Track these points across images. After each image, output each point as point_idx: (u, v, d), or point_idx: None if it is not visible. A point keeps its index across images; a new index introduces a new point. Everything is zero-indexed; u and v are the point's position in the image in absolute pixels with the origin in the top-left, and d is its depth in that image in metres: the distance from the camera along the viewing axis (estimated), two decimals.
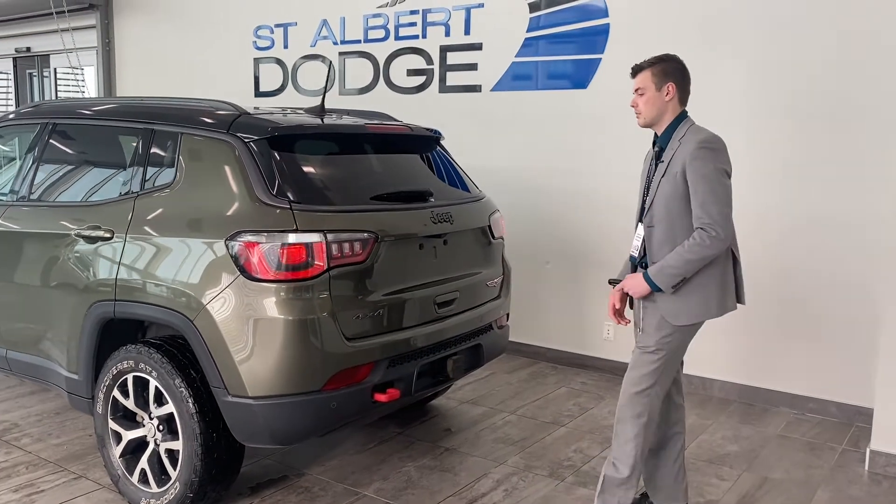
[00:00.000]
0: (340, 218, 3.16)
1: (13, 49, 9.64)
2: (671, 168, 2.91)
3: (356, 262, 3.14)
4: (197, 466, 3.16)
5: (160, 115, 3.56)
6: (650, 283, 2.92)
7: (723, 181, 2.85)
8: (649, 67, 2.98)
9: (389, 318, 3.31)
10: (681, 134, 2.95)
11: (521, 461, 3.99)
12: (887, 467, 3.89)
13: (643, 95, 3.00)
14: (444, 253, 3.64)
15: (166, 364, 3.18)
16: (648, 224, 2.99)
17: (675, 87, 2.97)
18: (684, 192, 2.87)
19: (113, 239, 3.40)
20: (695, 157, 2.83)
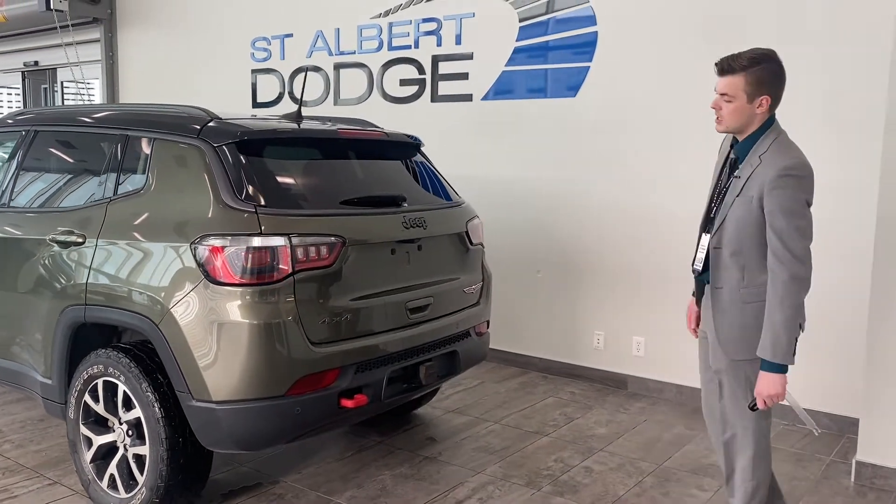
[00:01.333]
0: (307, 222, 3.15)
1: (22, 63, 9.79)
2: (747, 190, 2.60)
3: (322, 266, 3.13)
4: (163, 471, 3.15)
5: (135, 121, 3.59)
6: (776, 368, 2.56)
7: (805, 213, 2.57)
8: (743, 72, 2.56)
9: (358, 324, 3.29)
10: (762, 149, 2.61)
11: (500, 470, 3.95)
12: (874, 479, 3.80)
13: (731, 103, 2.61)
14: (417, 258, 3.62)
15: (134, 368, 3.18)
16: (716, 245, 2.70)
17: (769, 100, 2.60)
18: (759, 220, 2.57)
19: (85, 244, 3.43)
20: (775, 185, 2.52)
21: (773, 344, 2.55)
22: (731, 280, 2.69)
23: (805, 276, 2.58)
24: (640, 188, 5.11)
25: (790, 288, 2.54)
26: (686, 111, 4.90)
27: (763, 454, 2.84)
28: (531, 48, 5.55)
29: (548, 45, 5.48)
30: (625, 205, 5.21)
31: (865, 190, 4.24)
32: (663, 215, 5.03)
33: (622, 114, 5.18)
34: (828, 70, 4.41)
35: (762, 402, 2.62)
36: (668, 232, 5.02)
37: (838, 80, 4.40)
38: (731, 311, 2.71)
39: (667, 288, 5.06)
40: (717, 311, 2.75)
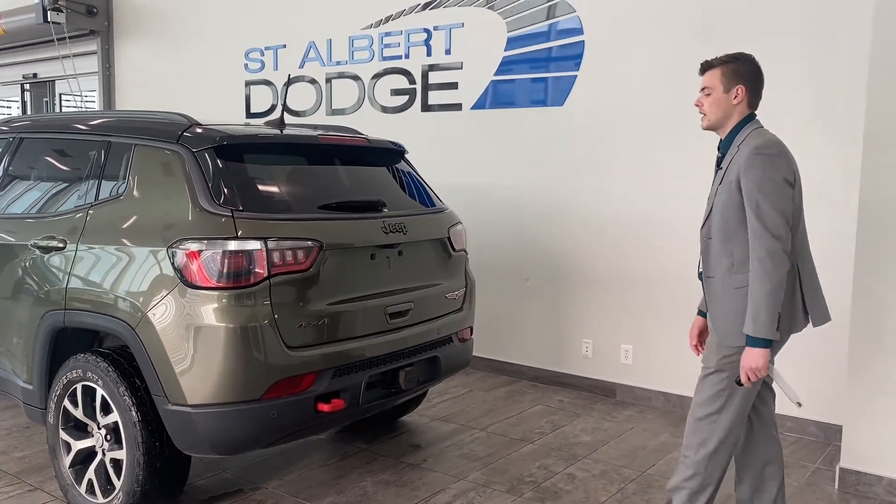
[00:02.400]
0: (284, 226, 3.17)
1: (21, 75, 9.87)
2: (728, 176, 2.71)
3: (299, 270, 3.13)
4: (139, 476, 3.15)
5: (116, 128, 3.62)
6: (758, 343, 2.62)
7: (779, 190, 2.63)
8: (720, 66, 2.77)
9: (336, 328, 3.29)
10: (741, 139, 2.74)
11: (482, 476, 3.93)
12: (857, 486, 3.78)
13: (709, 96, 2.79)
14: (398, 264, 3.63)
15: (112, 373, 3.19)
16: (707, 236, 2.80)
17: (745, 91, 2.76)
18: (740, 202, 2.66)
19: (65, 249, 3.44)
20: (749, 164, 2.63)
21: (753, 319, 2.61)
22: (721, 267, 2.76)
23: (781, 251, 2.61)
24: (628, 196, 5.12)
25: (767, 264, 2.59)
26: (673, 119, 4.91)
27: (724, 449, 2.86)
28: (520, 58, 5.58)
29: (536, 54, 5.51)
30: (613, 213, 5.22)
31: (847, 198, 4.24)
32: (651, 223, 5.04)
33: (610, 122, 5.19)
34: (816, 72, 4.43)
35: (745, 376, 2.67)
36: (657, 240, 5.02)
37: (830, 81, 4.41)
38: (724, 298, 2.77)
39: (655, 296, 5.06)
40: (712, 300, 2.82)
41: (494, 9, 5.65)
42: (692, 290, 4.93)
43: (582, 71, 5.29)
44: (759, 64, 2.83)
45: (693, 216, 4.81)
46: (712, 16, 4.74)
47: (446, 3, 5.90)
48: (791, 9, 4.47)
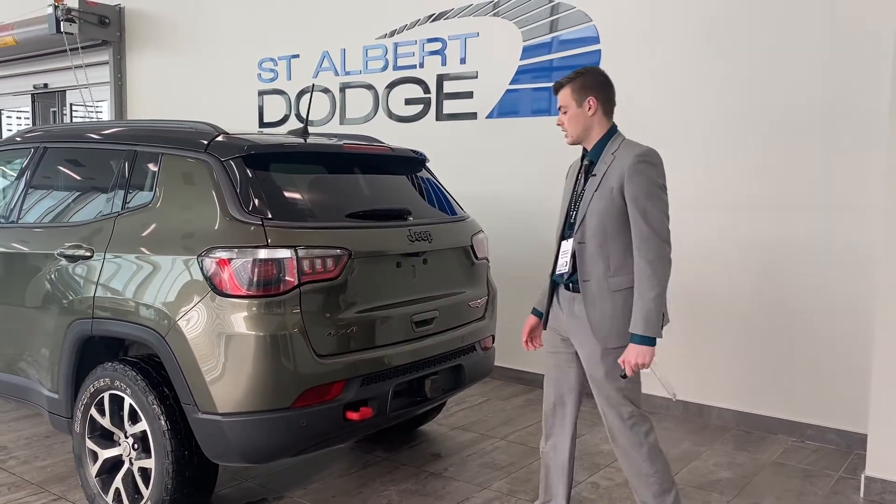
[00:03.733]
0: (312, 234, 3.18)
1: (32, 86, 9.91)
2: (606, 183, 2.81)
3: (328, 278, 3.14)
4: (168, 485, 3.14)
5: (143, 137, 3.63)
6: (647, 341, 2.75)
7: (664, 196, 2.79)
8: (568, 84, 2.89)
9: (363, 336, 3.29)
10: (613, 148, 2.86)
11: (506, 486, 3.92)
12: (883, 494, 3.77)
13: (566, 113, 2.91)
14: (423, 272, 3.64)
15: (140, 381, 3.19)
16: (579, 241, 2.88)
17: (596, 101, 2.87)
18: (621, 208, 2.78)
19: (93, 258, 3.45)
20: (634, 172, 2.75)
21: (644, 319, 2.73)
22: (597, 271, 2.85)
23: (669, 254, 2.78)
24: None
25: (657, 266, 2.74)
26: (689, 128, 4.93)
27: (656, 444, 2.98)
28: (535, 67, 5.60)
29: (552, 63, 5.54)
30: None
31: (870, 203, 4.25)
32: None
33: (625, 131, 5.17)
34: (827, 79, 4.44)
35: (630, 369, 2.79)
36: (675, 249, 5.00)
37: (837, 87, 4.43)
38: (600, 302, 2.86)
39: (674, 304, 5.02)
40: (588, 304, 2.89)
41: (510, 18, 5.68)
42: (709, 300, 4.96)
43: None
44: (606, 74, 2.95)
45: (713, 224, 4.86)
46: (730, 26, 4.76)
47: (461, 13, 5.93)
48: (809, 17, 4.48)
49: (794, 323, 4.63)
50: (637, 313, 2.76)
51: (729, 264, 4.85)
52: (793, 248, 4.61)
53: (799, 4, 4.50)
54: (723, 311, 4.90)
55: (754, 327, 4.80)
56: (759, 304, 4.76)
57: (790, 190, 4.61)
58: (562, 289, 3.00)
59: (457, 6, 5.93)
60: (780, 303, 4.68)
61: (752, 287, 4.78)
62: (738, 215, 4.80)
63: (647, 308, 2.73)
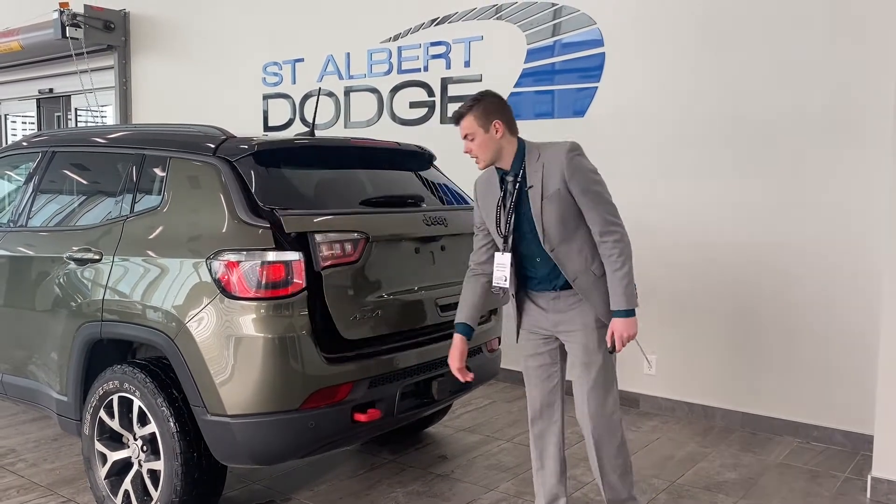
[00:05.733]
0: (329, 220, 3.20)
1: (37, 90, 9.95)
2: (548, 188, 2.89)
3: (349, 262, 3.16)
4: (177, 487, 3.16)
5: (151, 141, 3.65)
6: (629, 314, 2.91)
7: (601, 180, 2.94)
8: (469, 112, 2.94)
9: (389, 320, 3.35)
10: (535, 157, 2.94)
11: (513, 487, 3.93)
12: (889, 495, 3.77)
13: (474, 140, 2.96)
14: (442, 258, 3.67)
15: (149, 383, 3.21)
16: (550, 248, 2.95)
17: (502, 124, 2.94)
18: (573, 204, 2.89)
19: (101, 261, 3.47)
20: (574, 167, 2.87)
21: (623, 294, 2.88)
22: (580, 267, 2.96)
23: (625, 232, 2.93)
24: (648, 207, 5.13)
25: (621, 246, 2.89)
26: (693, 130, 4.94)
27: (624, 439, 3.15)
28: (540, 70, 5.62)
29: (555, 67, 5.56)
30: (634, 222, 5.18)
31: (877, 207, 4.26)
32: (673, 234, 5.05)
33: (631, 133, 5.22)
34: (829, 79, 4.46)
35: (620, 342, 2.93)
36: (679, 250, 5.04)
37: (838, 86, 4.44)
38: (594, 288, 2.97)
39: (678, 306, 5.07)
40: (587, 296, 2.98)
41: (513, 21, 5.70)
42: (715, 300, 4.97)
43: (603, 82, 5.32)
44: (500, 96, 3.04)
45: (717, 226, 4.87)
46: (733, 28, 4.77)
47: (465, 17, 5.95)
48: (810, 13, 4.50)
49: (799, 324, 4.64)
50: (616, 291, 2.89)
51: (733, 266, 4.86)
52: (798, 249, 4.62)
53: (801, 6, 4.52)
54: (727, 313, 4.91)
55: (759, 329, 4.80)
56: (763, 306, 4.77)
57: (795, 190, 4.62)
58: (537, 293, 3.07)
59: (460, 10, 5.96)
60: (786, 304, 4.69)
61: (757, 288, 4.79)
62: (741, 216, 4.81)
63: (623, 283, 2.87)
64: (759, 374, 4.83)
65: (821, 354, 4.59)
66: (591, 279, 2.96)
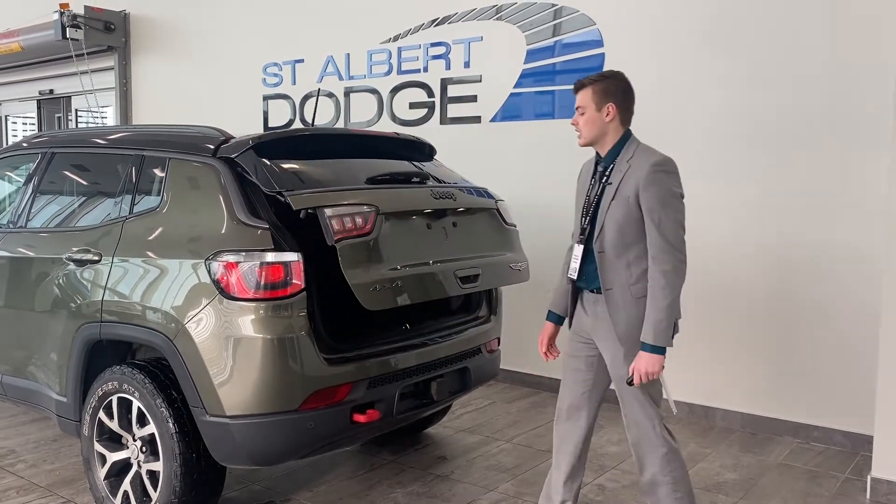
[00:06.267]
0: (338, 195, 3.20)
1: (37, 91, 9.96)
2: (622, 191, 2.79)
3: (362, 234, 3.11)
4: (176, 487, 3.16)
5: (150, 142, 3.65)
6: (657, 350, 2.73)
7: (679, 205, 2.76)
8: (590, 85, 2.85)
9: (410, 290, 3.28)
10: (628, 155, 2.83)
11: (512, 488, 3.93)
12: (889, 495, 3.77)
13: (583, 115, 2.88)
14: (455, 235, 3.63)
15: (148, 384, 3.21)
16: (599, 249, 2.86)
17: (615, 108, 2.84)
18: (638, 217, 2.76)
19: (101, 262, 3.47)
20: (650, 181, 2.73)
21: (654, 328, 2.73)
22: (619, 280, 2.84)
23: (683, 264, 2.75)
24: None
25: (671, 276, 2.72)
26: (692, 131, 4.94)
27: (674, 449, 2.94)
28: (539, 70, 5.62)
29: (555, 67, 5.56)
30: None
31: (876, 207, 4.25)
32: None
33: None
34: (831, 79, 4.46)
35: (638, 377, 2.78)
36: None
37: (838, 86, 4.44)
38: (625, 308, 2.84)
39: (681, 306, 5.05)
40: (613, 310, 2.87)
41: (513, 22, 5.70)
42: (713, 303, 4.96)
43: None
44: (628, 81, 2.91)
45: (716, 227, 4.87)
46: (733, 28, 4.77)
47: (464, 17, 5.95)
48: (810, 13, 4.50)
49: (799, 324, 4.64)
50: (648, 322, 2.74)
51: (734, 266, 4.86)
52: (798, 250, 4.62)
53: (801, 5, 4.52)
54: (727, 313, 4.90)
55: (759, 329, 4.80)
56: (764, 306, 4.77)
57: (794, 191, 4.61)
58: (584, 291, 2.99)
59: (460, 10, 5.96)
60: (786, 305, 4.69)
61: (758, 289, 4.79)
62: (742, 217, 4.81)
63: (658, 318, 2.72)
64: (759, 374, 4.82)
65: (820, 355, 4.58)
66: (626, 298, 2.83)
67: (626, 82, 2.90)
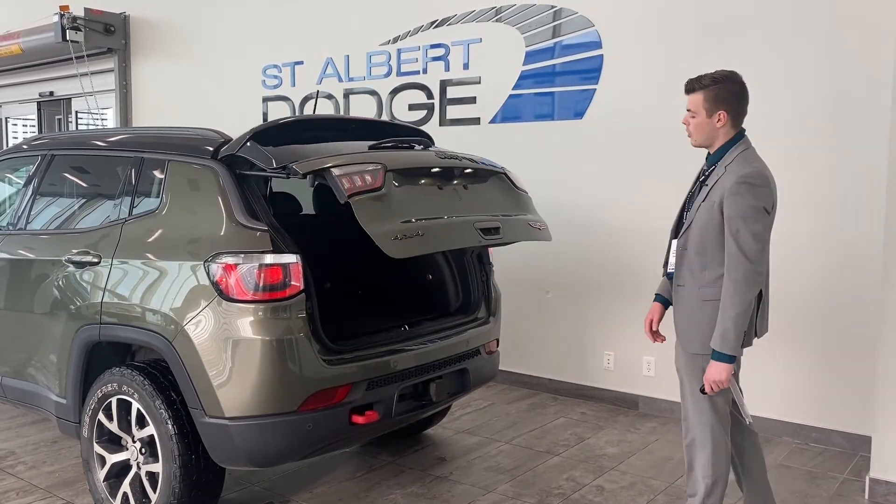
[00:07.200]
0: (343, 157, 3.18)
1: (38, 93, 9.97)
2: (711, 196, 2.82)
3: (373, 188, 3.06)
4: (176, 489, 3.17)
5: (149, 144, 3.66)
6: (724, 358, 2.78)
7: (759, 218, 2.74)
8: (702, 90, 2.86)
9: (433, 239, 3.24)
10: (728, 160, 2.84)
11: (511, 489, 3.94)
12: (888, 496, 3.77)
13: (694, 118, 2.90)
14: (467, 196, 3.58)
15: (148, 386, 3.22)
16: (682, 246, 2.92)
17: (727, 115, 2.85)
18: (720, 224, 2.78)
19: (100, 264, 3.48)
20: (733, 192, 2.74)
21: (722, 336, 2.76)
22: (692, 279, 2.90)
23: (755, 277, 2.76)
24: (648, 208, 5.14)
25: (741, 286, 2.74)
26: None
27: (720, 450, 2.96)
28: (538, 72, 5.63)
29: (554, 68, 5.56)
30: (633, 225, 5.24)
31: (876, 207, 4.25)
32: None
33: (630, 134, 5.23)
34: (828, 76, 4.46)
35: (709, 387, 2.83)
36: None
37: (841, 82, 4.45)
38: (689, 307, 2.92)
39: None
40: (678, 307, 2.98)
41: (512, 24, 5.71)
42: None
43: (601, 84, 5.33)
44: (743, 82, 2.90)
45: None
46: (731, 29, 4.78)
47: (463, 19, 5.96)
48: (809, 16, 4.51)
49: (797, 325, 4.63)
50: (717, 330, 2.78)
51: None
52: (797, 250, 4.61)
53: (799, 5, 4.53)
54: None
55: None
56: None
57: (793, 190, 4.60)
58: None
59: (459, 12, 5.97)
60: (784, 305, 4.66)
61: None
62: None
63: (725, 326, 2.75)
64: (758, 375, 4.80)
65: (819, 355, 4.59)
66: (693, 300, 2.88)
67: (740, 84, 2.89)
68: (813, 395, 4.63)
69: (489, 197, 3.71)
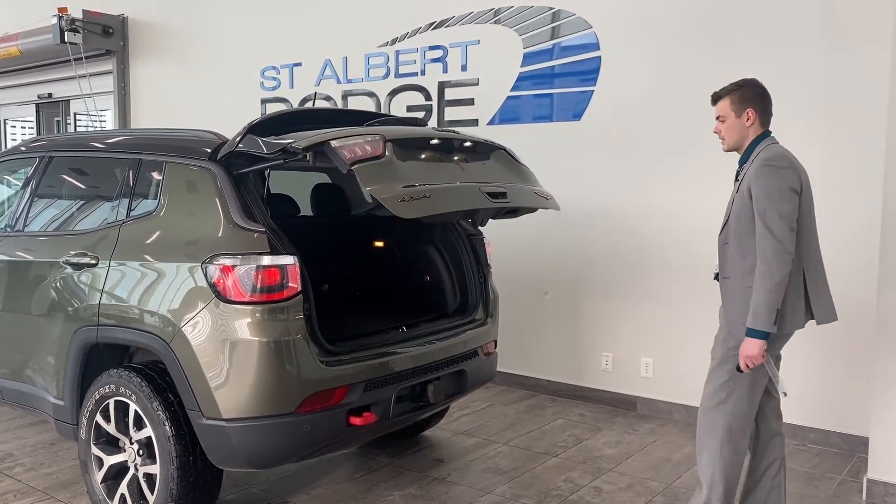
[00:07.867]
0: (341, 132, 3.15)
1: (36, 95, 9.97)
2: (742, 186, 2.99)
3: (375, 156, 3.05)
4: (173, 490, 3.17)
5: (147, 146, 3.66)
6: (756, 334, 2.88)
7: (786, 198, 2.86)
8: (727, 95, 3.06)
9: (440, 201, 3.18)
10: (756, 153, 3.02)
11: (509, 490, 3.94)
12: (885, 497, 3.78)
13: (724, 122, 3.08)
14: (470, 169, 3.54)
15: (145, 388, 3.21)
16: (724, 241, 3.06)
17: (755, 113, 3.03)
18: (751, 210, 2.91)
19: (98, 265, 3.48)
20: (758, 174, 2.90)
21: (754, 313, 2.88)
22: (736, 270, 3.01)
23: (784, 252, 2.85)
24: (645, 210, 5.15)
25: (771, 263, 2.85)
26: (690, 132, 4.95)
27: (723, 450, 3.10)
28: (536, 74, 5.64)
29: (552, 70, 5.57)
30: (631, 227, 5.25)
31: (873, 207, 4.26)
32: (669, 237, 5.07)
33: (627, 136, 5.24)
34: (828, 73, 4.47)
35: (743, 363, 2.95)
36: (675, 253, 5.05)
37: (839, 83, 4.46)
38: (737, 297, 3.01)
39: (675, 309, 5.07)
40: (727, 298, 3.08)
41: (510, 25, 5.72)
42: (712, 304, 4.95)
43: (599, 86, 5.34)
44: (763, 86, 3.10)
45: (712, 230, 4.86)
46: (730, 31, 4.79)
47: (462, 21, 5.97)
48: (807, 14, 4.51)
49: None
50: (751, 307, 2.89)
51: None
52: None
53: (799, 5, 4.53)
54: None
55: None
56: None
57: None
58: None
59: (457, 14, 5.98)
60: None
61: None
62: None
63: (757, 302, 2.86)
64: None
65: (817, 356, 4.59)
66: (739, 288, 2.98)
67: (761, 87, 3.09)
68: (811, 396, 4.63)
69: (492, 170, 3.69)
